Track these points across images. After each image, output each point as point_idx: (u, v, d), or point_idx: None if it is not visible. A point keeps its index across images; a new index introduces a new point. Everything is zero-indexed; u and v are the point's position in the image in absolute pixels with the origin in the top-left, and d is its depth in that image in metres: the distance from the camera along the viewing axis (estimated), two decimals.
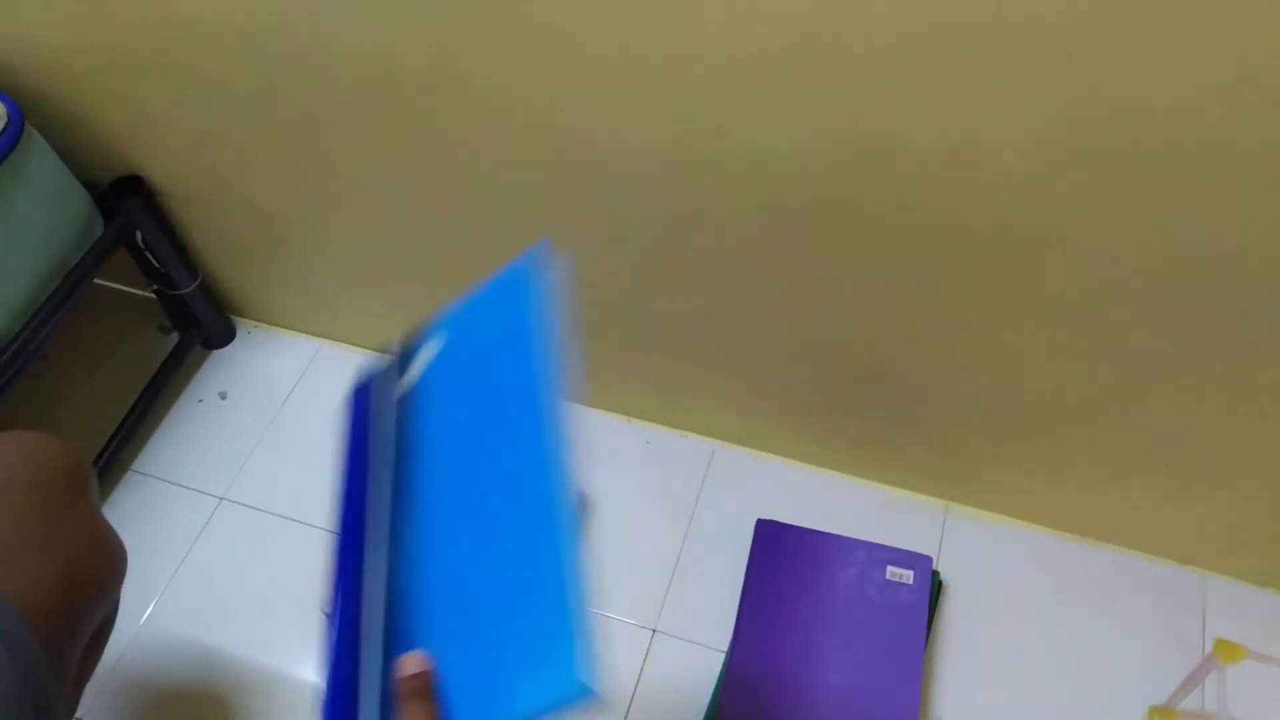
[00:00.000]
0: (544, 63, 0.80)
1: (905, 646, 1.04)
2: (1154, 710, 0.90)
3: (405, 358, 0.66)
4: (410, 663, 0.49)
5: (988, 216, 0.79)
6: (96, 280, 1.18)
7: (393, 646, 0.51)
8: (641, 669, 1.07)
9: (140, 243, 1.20)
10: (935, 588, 1.09)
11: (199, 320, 1.33)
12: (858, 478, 1.19)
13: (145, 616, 1.13)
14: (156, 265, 1.24)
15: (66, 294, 1.10)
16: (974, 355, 0.95)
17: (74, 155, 1.11)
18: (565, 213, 0.97)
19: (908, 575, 1.08)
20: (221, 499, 1.22)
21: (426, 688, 0.48)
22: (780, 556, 1.10)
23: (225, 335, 1.37)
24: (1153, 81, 0.64)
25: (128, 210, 1.16)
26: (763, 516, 1.14)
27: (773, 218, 0.87)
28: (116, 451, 1.24)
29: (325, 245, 1.18)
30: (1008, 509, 1.15)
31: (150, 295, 1.31)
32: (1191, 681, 0.88)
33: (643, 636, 1.09)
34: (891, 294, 0.91)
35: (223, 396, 1.32)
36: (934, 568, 1.09)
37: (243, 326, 1.39)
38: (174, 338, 1.34)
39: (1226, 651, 0.81)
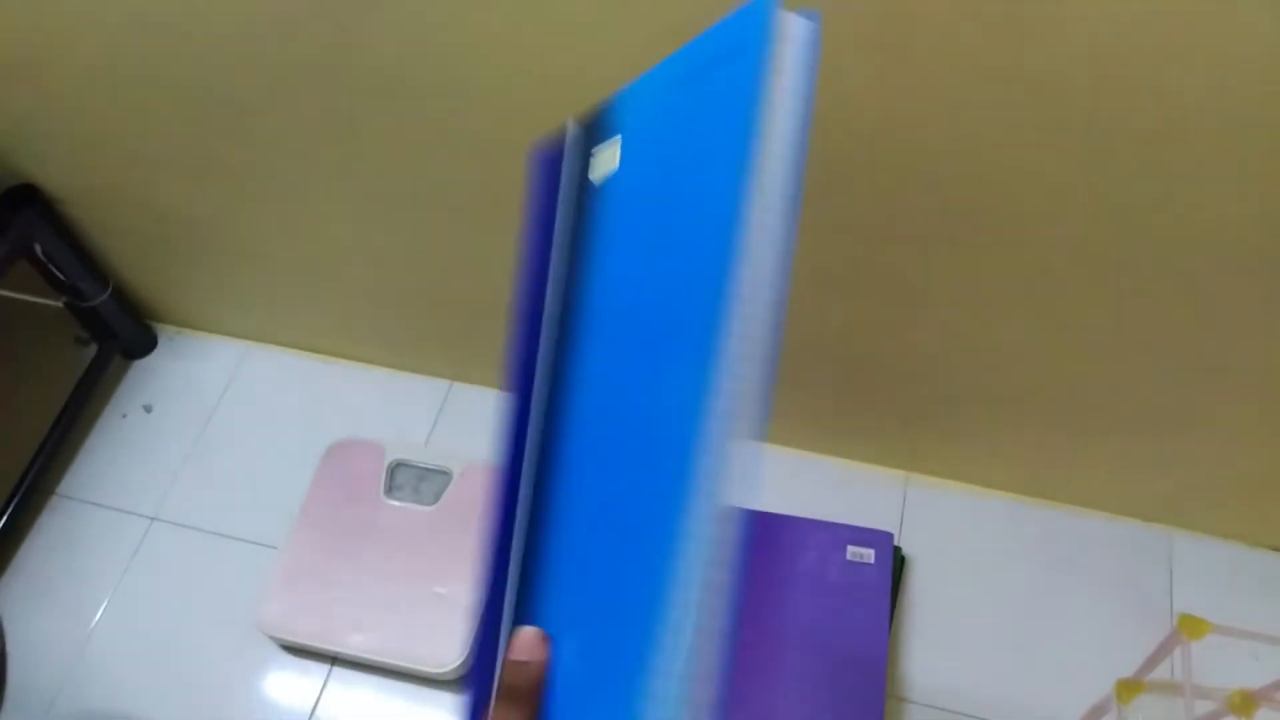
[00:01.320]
0: (444, 40, 0.74)
1: (869, 629, 1.01)
2: (1122, 683, 0.88)
3: (592, 137, 0.46)
4: (520, 644, 0.37)
5: (935, 187, 0.74)
6: (1, 293, 1.11)
7: (524, 601, 0.38)
8: None
9: (40, 255, 1.13)
10: (898, 563, 1.06)
11: (115, 331, 1.26)
12: (812, 453, 1.15)
13: (81, 648, 1.08)
14: (62, 277, 1.16)
15: None
16: (927, 324, 0.90)
17: None
18: (487, 197, 0.91)
19: (868, 554, 1.04)
20: (153, 519, 1.17)
21: (532, 684, 0.36)
22: None
23: (145, 344, 1.30)
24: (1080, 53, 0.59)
25: (22, 222, 1.08)
26: None
27: None
28: (39, 476, 1.18)
29: (239, 244, 1.11)
30: (970, 476, 1.12)
31: (62, 306, 1.24)
32: (1158, 655, 0.85)
33: None
34: (839, 266, 0.86)
35: (148, 409, 1.25)
36: (895, 543, 1.06)
37: (164, 333, 1.32)
38: (92, 349, 1.27)
39: (1191, 628, 0.78)
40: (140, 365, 1.29)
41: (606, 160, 0.44)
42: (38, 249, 1.12)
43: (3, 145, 1.03)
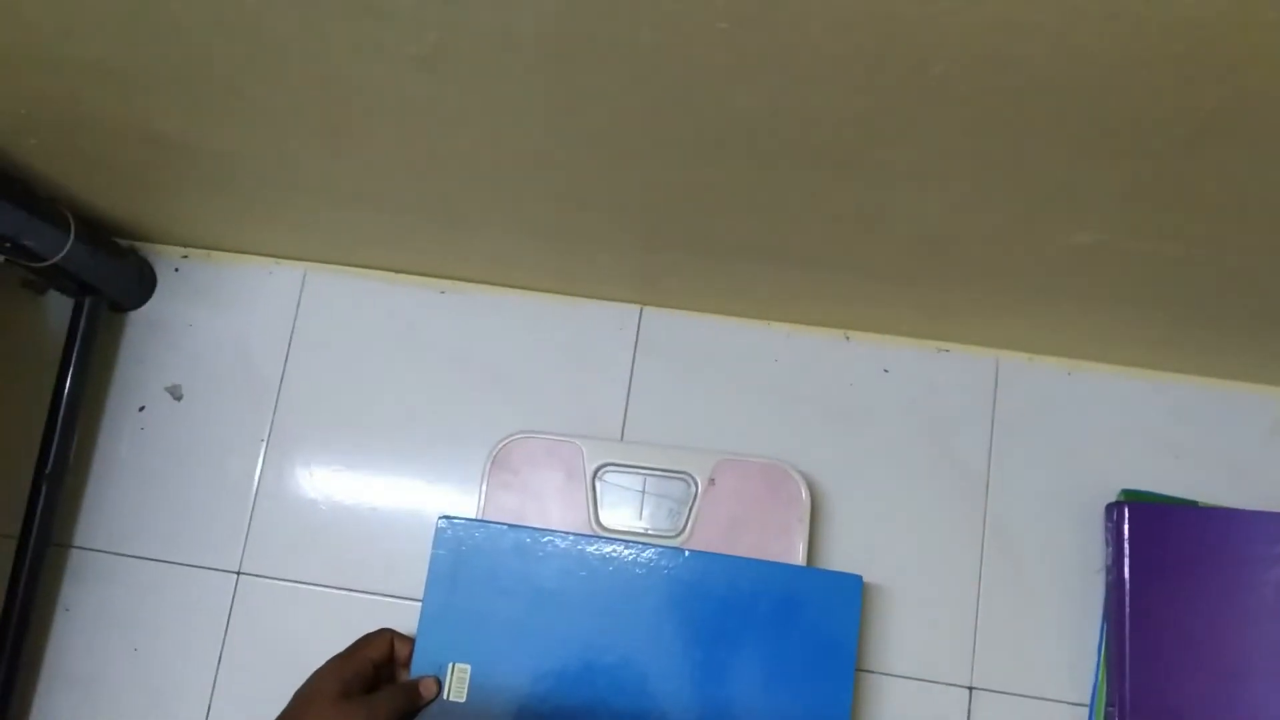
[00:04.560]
0: None
1: None
2: None
3: None
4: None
5: None
6: None
7: None
8: None
9: None
10: None
11: (92, 280, 0.79)
12: (1239, 382, 0.76)
13: None
14: None
15: None
16: None
17: None
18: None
19: None
20: (237, 574, 0.78)
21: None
22: (1154, 555, 0.71)
23: (142, 286, 0.83)
24: None
25: None
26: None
27: None
28: (44, 527, 0.77)
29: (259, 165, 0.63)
30: None
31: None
32: None
33: (956, 700, 0.73)
34: None
35: (175, 395, 0.81)
36: None
37: (163, 261, 0.84)
38: (60, 307, 0.81)
39: None
40: (139, 320, 0.83)
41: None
42: None
43: None
